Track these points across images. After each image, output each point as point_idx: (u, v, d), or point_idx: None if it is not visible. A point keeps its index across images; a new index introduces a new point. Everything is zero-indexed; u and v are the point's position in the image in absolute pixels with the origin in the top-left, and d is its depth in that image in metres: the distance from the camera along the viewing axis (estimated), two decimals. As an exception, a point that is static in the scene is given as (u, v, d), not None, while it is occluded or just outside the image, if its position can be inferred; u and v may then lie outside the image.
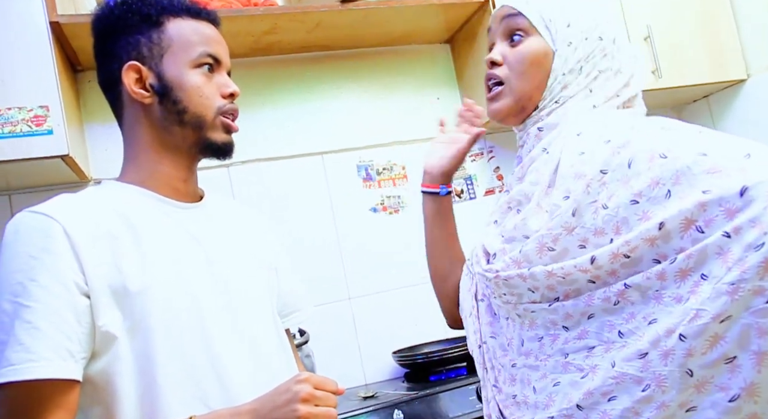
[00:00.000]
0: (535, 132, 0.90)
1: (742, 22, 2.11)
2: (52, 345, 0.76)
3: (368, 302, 2.00)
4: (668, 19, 2.04)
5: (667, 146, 0.72)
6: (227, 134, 0.94)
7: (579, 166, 0.78)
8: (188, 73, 0.91)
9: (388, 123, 2.10)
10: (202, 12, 0.95)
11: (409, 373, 1.90)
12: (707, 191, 0.66)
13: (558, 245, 0.77)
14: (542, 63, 0.88)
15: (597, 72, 0.88)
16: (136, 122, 0.93)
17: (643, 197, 0.71)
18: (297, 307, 1.09)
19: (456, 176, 2.13)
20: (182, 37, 0.91)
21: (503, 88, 0.91)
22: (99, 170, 1.78)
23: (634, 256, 0.71)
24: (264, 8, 1.74)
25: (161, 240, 0.88)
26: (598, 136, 0.80)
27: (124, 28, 0.91)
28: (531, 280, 0.80)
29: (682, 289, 0.68)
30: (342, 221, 2.01)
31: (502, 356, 0.90)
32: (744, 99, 2.15)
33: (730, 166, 0.67)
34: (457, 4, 1.92)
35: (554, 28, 0.88)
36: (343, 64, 2.09)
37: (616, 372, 0.72)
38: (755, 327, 0.63)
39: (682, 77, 2.04)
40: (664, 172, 0.70)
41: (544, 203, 0.81)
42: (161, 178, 0.93)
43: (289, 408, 0.78)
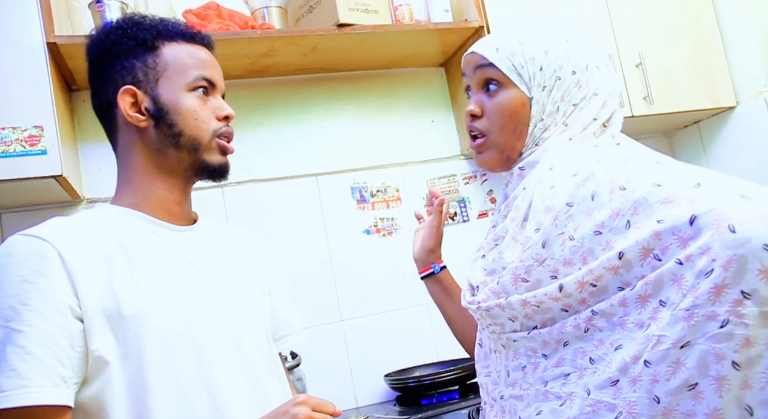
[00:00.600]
0: (517, 172, 0.91)
1: (731, 51, 2.15)
2: (44, 371, 0.75)
3: (361, 324, 1.99)
4: (660, 46, 2.08)
5: (627, 177, 0.74)
6: (223, 155, 0.94)
7: (549, 199, 0.80)
8: (184, 97, 0.91)
9: (382, 145, 2.11)
10: (197, 36, 0.96)
11: (400, 396, 1.89)
12: (661, 221, 0.69)
13: (531, 276, 0.80)
14: (520, 112, 0.89)
15: (572, 107, 0.89)
16: (130, 145, 0.93)
17: (606, 228, 0.73)
18: (289, 331, 1.09)
19: (450, 199, 2.14)
20: (177, 60, 0.92)
21: (485, 141, 0.92)
22: (92, 190, 1.77)
23: (600, 285, 0.74)
24: (261, 31, 1.76)
25: (155, 264, 0.87)
26: (566, 169, 0.82)
27: (119, 53, 0.92)
28: (509, 309, 0.82)
29: (642, 315, 0.70)
30: (335, 243, 2.01)
31: (493, 390, 0.91)
32: (733, 126, 2.18)
33: (681, 195, 0.69)
34: (453, 29, 1.94)
35: (527, 74, 0.88)
36: (338, 86, 2.10)
37: (591, 400, 0.73)
38: (712, 352, 0.64)
39: (673, 104, 2.07)
40: (623, 203, 0.73)
41: (519, 236, 0.84)
42: (155, 201, 0.93)
43: None
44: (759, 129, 2.08)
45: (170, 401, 0.82)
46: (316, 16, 1.84)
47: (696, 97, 2.10)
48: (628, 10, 2.08)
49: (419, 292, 2.11)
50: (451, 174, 2.16)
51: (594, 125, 0.89)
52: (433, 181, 2.14)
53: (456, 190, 2.16)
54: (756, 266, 0.61)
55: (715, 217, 0.65)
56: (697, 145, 2.32)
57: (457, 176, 2.16)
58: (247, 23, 1.78)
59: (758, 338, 0.62)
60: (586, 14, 2.02)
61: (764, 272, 0.61)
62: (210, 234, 1.00)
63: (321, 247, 1.99)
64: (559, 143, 0.88)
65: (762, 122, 2.07)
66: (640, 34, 2.07)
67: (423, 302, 2.05)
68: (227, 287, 0.94)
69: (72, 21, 1.69)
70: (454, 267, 2.04)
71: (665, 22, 2.11)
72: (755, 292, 0.62)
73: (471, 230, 2.13)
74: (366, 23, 1.82)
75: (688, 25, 2.14)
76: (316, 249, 1.98)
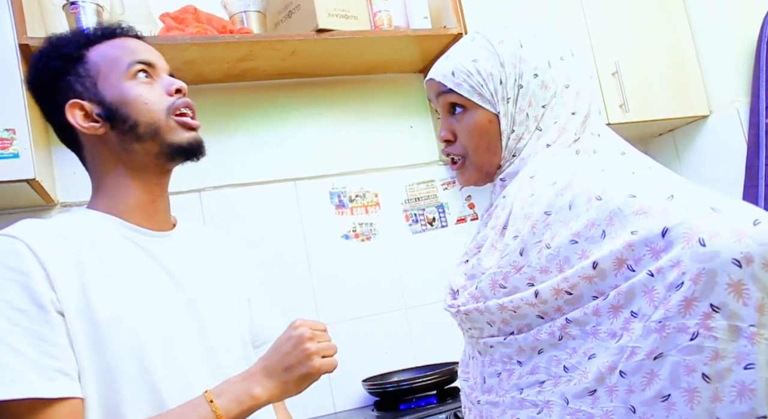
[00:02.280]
0: (499, 183, 0.92)
1: (705, 62, 2.19)
2: (34, 367, 0.74)
3: (339, 329, 1.98)
4: (636, 56, 2.11)
5: (603, 188, 0.75)
6: (188, 131, 0.92)
7: (528, 208, 0.81)
8: (126, 87, 0.89)
9: (361, 151, 2.11)
10: (116, 30, 0.94)
11: (379, 402, 1.88)
12: (635, 232, 0.69)
13: (508, 282, 0.80)
14: (489, 130, 0.89)
15: (542, 109, 0.88)
16: (96, 155, 0.92)
17: (582, 237, 0.74)
18: (270, 337, 1.08)
19: (428, 204, 2.15)
20: (106, 58, 0.91)
21: (464, 162, 0.94)
22: (66, 194, 1.75)
23: (575, 293, 0.74)
24: (239, 35, 1.75)
25: (129, 270, 0.86)
26: (546, 178, 0.82)
27: (52, 78, 0.91)
28: (487, 314, 0.82)
29: (615, 325, 0.71)
30: (314, 248, 2.00)
31: (470, 394, 0.91)
32: (707, 134, 2.22)
33: (654, 207, 0.70)
34: (432, 35, 1.95)
35: (488, 92, 0.88)
36: (317, 91, 2.10)
37: (570, 409, 0.74)
38: (683, 364, 0.65)
39: (648, 112, 2.10)
40: (599, 213, 0.73)
41: (498, 243, 0.84)
42: (131, 202, 0.91)
43: (299, 351, 0.82)
44: (731, 138, 2.12)
45: (144, 407, 0.81)
46: (295, 21, 1.84)
47: (670, 106, 2.14)
48: (605, 19, 2.11)
49: (397, 297, 2.12)
50: (429, 180, 2.16)
51: (574, 121, 0.88)
52: (411, 186, 2.15)
53: (434, 195, 2.16)
54: (725, 279, 0.62)
55: (686, 230, 0.65)
56: (671, 152, 2.36)
57: (435, 182, 2.17)
58: (225, 27, 1.77)
59: (727, 351, 0.63)
60: (563, 23, 2.05)
61: (733, 286, 0.62)
62: (188, 240, 0.98)
63: (299, 252, 1.98)
64: (536, 150, 0.88)
65: (734, 131, 2.11)
66: (617, 43, 2.10)
67: (401, 307, 2.05)
68: (203, 295, 0.93)
69: (45, 23, 1.66)
70: (433, 272, 2.05)
71: (641, 32, 2.15)
72: (724, 305, 0.63)
73: (449, 236, 2.14)
74: (345, 29, 1.82)
75: (664, 36, 2.18)
76: (295, 254, 1.98)
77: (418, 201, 2.14)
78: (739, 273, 0.62)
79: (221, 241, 1.07)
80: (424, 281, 2.07)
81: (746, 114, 2.06)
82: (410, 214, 2.13)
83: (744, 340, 0.62)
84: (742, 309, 0.62)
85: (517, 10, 2.00)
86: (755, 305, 0.62)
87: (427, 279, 2.07)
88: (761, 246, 0.62)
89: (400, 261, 2.08)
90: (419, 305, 2.06)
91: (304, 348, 0.82)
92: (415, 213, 2.13)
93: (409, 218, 2.12)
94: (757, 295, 0.62)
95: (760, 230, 0.63)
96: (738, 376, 0.63)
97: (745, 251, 0.62)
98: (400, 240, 2.10)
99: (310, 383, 0.84)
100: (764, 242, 0.62)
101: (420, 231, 2.12)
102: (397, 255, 2.08)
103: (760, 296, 0.62)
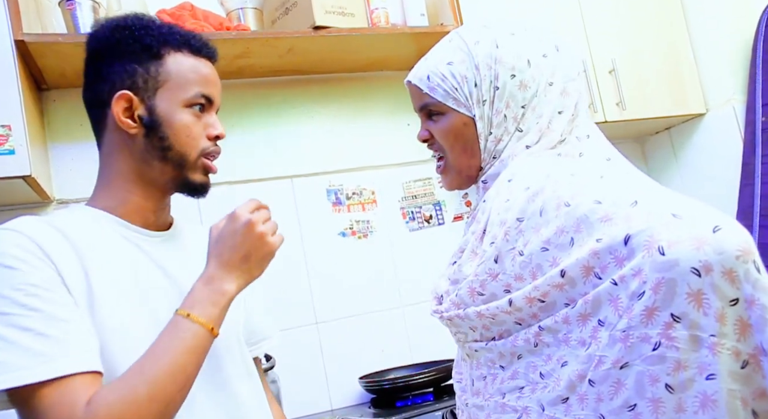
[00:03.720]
0: (481, 186, 0.91)
1: (701, 60, 2.20)
2: (58, 345, 0.74)
3: (335, 327, 1.99)
4: (633, 54, 2.11)
5: (572, 194, 0.74)
6: (205, 175, 0.94)
7: (503, 213, 0.80)
8: (179, 112, 0.90)
9: (358, 148, 2.11)
10: (203, 49, 0.94)
11: (375, 399, 1.89)
12: (599, 240, 0.68)
13: (486, 290, 0.80)
14: (464, 133, 0.88)
15: (521, 109, 0.86)
16: (116, 148, 0.92)
17: (552, 245, 0.73)
18: (265, 335, 1.09)
19: (425, 202, 2.15)
20: (180, 74, 0.90)
21: (445, 162, 0.93)
22: (62, 191, 1.74)
23: (548, 300, 0.74)
24: (236, 32, 1.75)
25: (126, 269, 0.86)
26: (522, 182, 0.81)
27: (121, 54, 0.90)
28: (468, 320, 0.83)
29: (584, 333, 0.71)
30: (310, 246, 2.00)
31: (461, 396, 0.92)
32: (703, 132, 2.22)
33: (618, 214, 0.68)
34: (428, 33, 1.95)
35: (462, 96, 0.87)
36: (314, 88, 2.10)
37: (546, 416, 0.74)
38: (647, 374, 0.64)
39: (645, 110, 2.10)
40: (567, 220, 0.72)
41: (477, 249, 0.84)
42: (131, 207, 0.92)
43: (253, 237, 0.85)
44: (727, 135, 2.13)
45: None
46: (291, 18, 1.84)
47: (667, 104, 2.14)
48: (602, 18, 2.11)
49: (394, 295, 2.12)
50: (426, 177, 2.17)
51: (559, 120, 0.86)
52: (408, 184, 2.15)
53: (432, 193, 2.17)
54: (684, 289, 0.61)
55: (647, 238, 0.64)
56: (668, 150, 2.37)
57: (432, 179, 2.17)
58: (222, 24, 1.77)
59: (689, 361, 0.62)
60: (560, 22, 2.05)
61: (692, 296, 0.61)
62: (184, 239, 0.99)
63: (296, 249, 1.98)
64: (516, 151, 0.86)
65: (730, 129, 2.11)
66: (614, 41, 2.10)
67: (398, 304, 2.06)
68: None
69: (41, 19, 1.66)
70: (430, 269, 2.05)
71: (638, 31, 2.15)
72: (684, 315, 0.62)
73: (446, 233, 2.14)
74: (342, 26, 1.82)
75: (660, 34, 2.18)
76: (292, 252, 1.97)
77: (415, 199, 2.14)
78: (698, 282, 0.61)
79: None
80: (420, 278, 2.07)
81: (743, 112, 2.07)
82: (407, 211, 2.13)
83: (705, 350, 0.61)
84: (703, 319, 0.61)
85: (513, 8, 2.00)
86: (715, 315, 0.61)
87: (424, 277, 2.07)
88: (720, 255, 0.60)
89: (397, 259, 2.08)
90: (416, 303, 2.06)
91: (257, 233, 0.85)
92: (412, 211, 2.13)
93: (406, 215, 2.13)
94: (716, 304, 0.61)
95: (720, 237, 0.61)
96: (700, 386, 0.62)
97: (703, 259, 0.60)
98: (397, 238, 2.10)
99: (269, 262, 0.88)
100: (723, 251, 0.60)
101: (417, 229, 2.13)
102: (394, 253, 2.08)
103: (719, 305, 0.61)
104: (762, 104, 1.99)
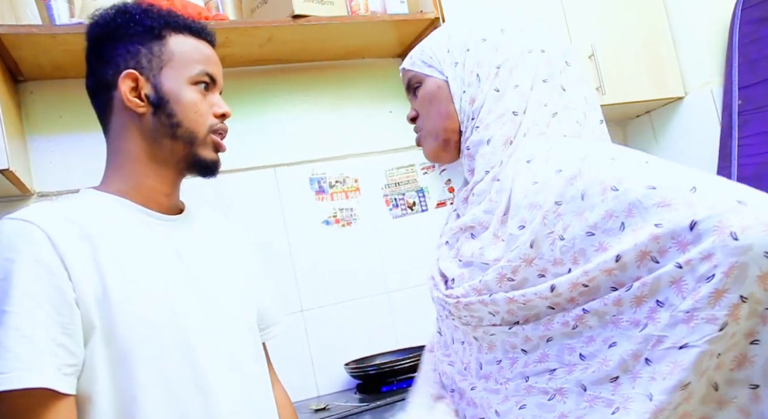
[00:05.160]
0: (467, 152, 0.91)
1: (680, 44, 2.21)
2: (40, 355, 0.75)
3: (321, 314, 2.00)
4: (612, 39, 2.13)
5: (618, 178, 0.74)
6: (215, 152, 0.95)
7: (533, 196, 0.79)
8: (185, 89, 0.91)
9: (340, 136, 2.11)
10: (203, 31, 0.96)
11: (361, 384, 1.91)
12: (659, 225, 0.69)
13: (517, 275, 0.79)
14: (439, 95, 0.91)
15: (495, 69, 0.87)
16: (125, 130, 0.92)
17: (598, 229, 0.73)
18: (274, 320, 1.11)
19: (408, 189, 2.17)
20: (183, 53, 0.92)
21: (421, 133, 0.95)
22: (43, 184, 1.74)
23: (592, 285, 0.74)
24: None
25: (141, 252, 0.87)
26: (547, 163, 0.80)
27: (124, 36, 0.91)
28: (492, 305, 0.81)
29: (638, 314, 0.71)
30: (294, 234, 2.01)
31: (461, 380, 0.91)
32: (682, 115, 2.25)
33: (678, 199, 0.69)
34: (409, 20, 1.95)
35: (436, 61, 0.92)
36: (295, 77, 2.10)
37: (589, 396, 0.74)
38: (708, 353, 0.66)
39: (624, 94, 2.12)
40: (617, 205, 0.72)
41: (500, 232, 0.83)
42: (144, 191, 0.92)
43: None
44: (706, 118, 2.15)
45: (157, 390, 0.82)
46: (271, 7, 1.83)
47: (646, 88, 2.16)
48: (581, 3, 2.11)
49: (379, 281, 2.14)
50: (409, 164, 2.18)
51: (545, 88, 0.86)
52: (391, 171, 2.16)
53: (414, 180, 2.18)
54: (755, 272, 0.63)
55: (716, 223, 0.65)
56: (648, 134, 2.39)
57: (415, 166, 2.18)
58: (201, 14, 1.76)
59: (757, 334, 0.66)
60: (539, 6, 2.06)
61: (761, 278, 0.64)
62: (197, 224, 1.00)
63: (280, 238, 1.99)
64: (495, 112, 0.86)
65: (708, 111, 2.14)
66: (593, 26, 2.11)
67: (383, 291, 2.07)
68: (213, 278, 0.95)
69: (15, 10, 1.64)
70: (414, 256, 2.07)
71: (617, 16, 2.16)
72: (752, 295, 0.64)
73: (429, 220, 2.16)
74: (321, 14, 1.82)
75: (639, 19, 2.19)
76: (276, 240, 1.98)
77: (398, 186, 2.16)
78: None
79: (227, 225, 1.08)
80: (405, 265, 2.09)
81: (720, 95, 2.09)
82: (390, 199, 2.14)
83: (757, 319, 0.65)
84: (764, 295, 0.64)
85: (493, -6, 2.00)
86: None
87: (408, 263, 2.09)
88: None
89: (381, 246, 2.10)
90: (400, 289, 2.09)
91: None
92: (396, 198, 2.14)
93: (389, 202, 2.14)
94: None
95: None
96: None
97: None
98: (381, 225, 2.11)
99: None
100: None
101: (400, 215, 2.14)
102: (378, 240, 2.10)
103: None
104: (738, 88, 2.01)
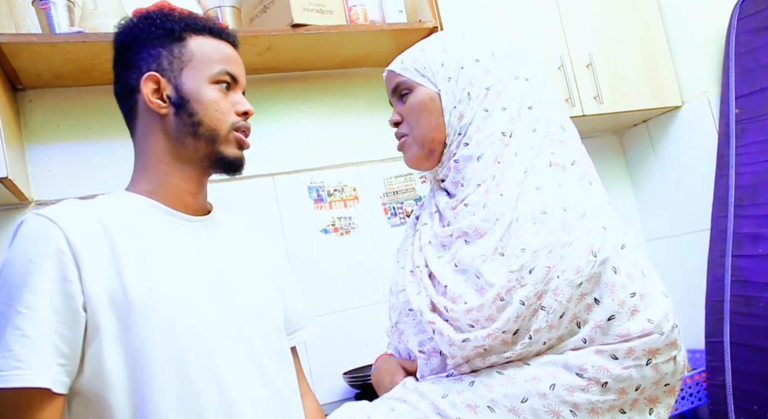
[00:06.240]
0: (453, 165, 0.95)
1: (677, 54, 2.23)
2: (39, 356, 0.75)
3: (319, 323, 1.99)
4: (609, 48, 2.14)
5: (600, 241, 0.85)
6: (239, 149, 0.96)
7: (540, 225, 0.85)
8: (206, 88, 0.93)
9: (339, 145, 2.12)
10: (223, 32, 0.98)
11: (359, 394, 1.90)
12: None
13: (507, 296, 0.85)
14: (430, 106, 0.95)
15: (485, 90, 0.93)
16: (149, 131, 0.94)
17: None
18: (302, 325, 1.10)
19: (406, 198, 2.17)
20: (203, 53, 0.94)
21: (407, 139, 0.99)
22: (41, 192, 1.73)
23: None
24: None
25: (166, 254, 0.88)
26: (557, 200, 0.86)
27: (146, 40, 0.93)
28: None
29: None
30: (293, 243, 2.01)
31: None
32: (679, 124, 2.26)
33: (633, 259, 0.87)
34: (408, 29, 1.96)
35: (430, 72, 0.96)
36: (294, 86, 2.10)
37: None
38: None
39: (622, 103, 2.13)
40: (587, 266, 0.84)
41: (499, 246, 0.87)
42: (171, 190, 0.93)
43: None
44: (703, 127, 2.16)
45: (175, 391, 0.81)
46: (270, 16, 1.83)
47: (644, 97, 2.17)
48: (579, 13, 2.13)
49: (377, 290, 2.13)
50: (407, 173, 2.18)
51: (529, 114, 0.93)
52: (389, 180, 2.16)
53: (413, 189, 2.18)
54: (604, 280, 0.82)
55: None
56: (646, 143, 2.40)
57: (413, 175, 2.18)
58: (200, 22, 1.77)
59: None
60: (537, 16, 2.07)
61: (609, 285, 0.83)
62: (224, 226, 1.00)
63: (279, 247, 1.98)
64: (484, 129, 0.91)
65: (705, 121, 2.15)
66: (590, 36, 2.12)
67: (381, 299, 2.07)
68: (238, 281, 0.95)
69: (15, 18, 1.64)
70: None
71: (614, 25, 2.17)
72: (601, 298, 0.83)
73: (428, 229, 2.15)
74: (320, 23, 1.82)
75: (636, 29, 2.20)
76: (274, 249, 1.98)
77: (397, 195, 2.16)
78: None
79: (254, 228, 1.09)
80: (403, 273, 2.08)
81: (717, 104, 2.10)
82: (389, 207, 2.14)
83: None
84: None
85: (491, 4, 2.01)
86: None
87: (407, 272, 2.08)
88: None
89: (379, 254, 2.09)
90: (399, 298, 2.07)
91: None
92: (394, 206, 2.14)
93: (387, 211, 2.14)
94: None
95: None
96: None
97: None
98: (379, 234, 2.11)
99: None
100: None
101: (398, 224, 2.14)
102: (376, 248, 2.09)
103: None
104: (735, 97, 2.02)
